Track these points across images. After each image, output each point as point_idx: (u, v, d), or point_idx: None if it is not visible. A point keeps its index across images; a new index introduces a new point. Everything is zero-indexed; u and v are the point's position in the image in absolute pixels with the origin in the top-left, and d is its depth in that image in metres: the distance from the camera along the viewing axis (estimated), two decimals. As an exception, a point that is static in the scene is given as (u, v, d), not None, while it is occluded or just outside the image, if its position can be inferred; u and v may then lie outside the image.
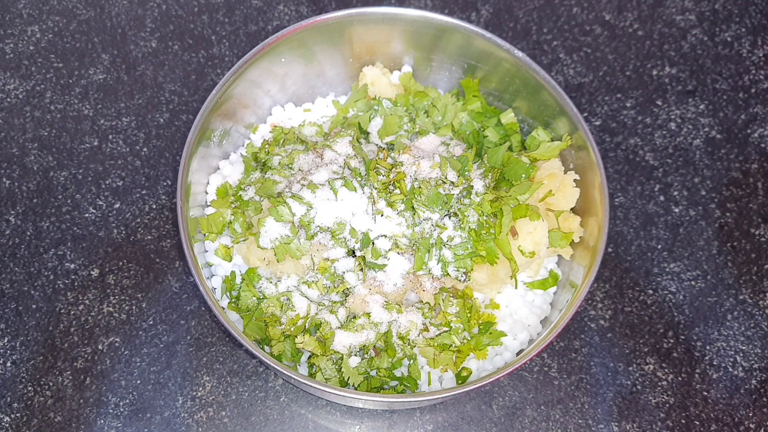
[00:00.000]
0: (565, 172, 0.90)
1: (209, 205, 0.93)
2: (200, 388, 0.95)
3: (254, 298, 0.87)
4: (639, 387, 0.96)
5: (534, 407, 0.95)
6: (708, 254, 1.04)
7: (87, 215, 1.02)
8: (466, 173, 0.88)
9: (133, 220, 1.02)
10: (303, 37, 0.92)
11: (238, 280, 0.89)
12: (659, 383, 0.97)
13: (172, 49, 1.13)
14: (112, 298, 0.98)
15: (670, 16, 1.17)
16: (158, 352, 0.96)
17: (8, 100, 1.09)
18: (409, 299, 0.88)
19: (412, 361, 0.85)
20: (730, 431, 0.95)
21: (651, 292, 1.01)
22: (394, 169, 0.88)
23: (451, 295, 0.86)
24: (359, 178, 0.87)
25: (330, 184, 0.86)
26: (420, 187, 0.85)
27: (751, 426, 0.95)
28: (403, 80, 1.00)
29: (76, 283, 0.99)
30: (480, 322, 0.87)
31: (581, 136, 0.88)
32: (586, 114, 1.11)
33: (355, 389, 0.83)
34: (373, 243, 0.84)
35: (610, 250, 1.03)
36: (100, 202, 1.03)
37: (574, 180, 0.89)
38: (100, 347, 0.96)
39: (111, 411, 0.93)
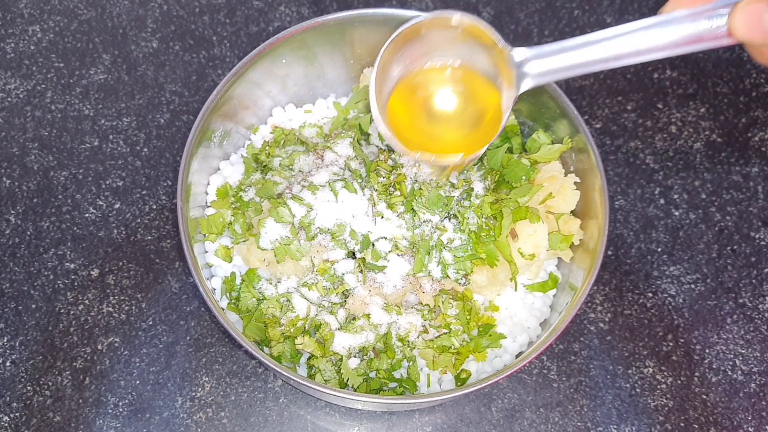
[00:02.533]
0: (566, 175, 0.90)
1: (209, 206, 0.93)
2: (199, 389, 0.95)
3: (254, 299, 0.87)
4: (638, 390, 0.97)
5: (533, 410, 0.95)
6: (708, 257, 1.04)
7: (87, 215, 1.02)
8: (466, 173, 0.88)
9: (133, 221, 1.02)
10: (304, 38, 0.92)
11: (238, 281, 0.89)
12: (658, 386, 0.97)
13: (173, 49, 1.14)
14: (111, 298, 0.98)
15: (671, 19, 1.17)
16: (157, 352, 0.96)
17: (9, 99, 1.09)
18: (409, 301, 0.88)
19: (411, 362, 0.85)
20: (729, 435, 0.95)
21: (650, 295, 1.01)
22: (394, 170, 0.88)
23: (450, 297, 0.86)
24: (359, 180, 0.87)
25: (330, 185, 0.86)
26: (420, 189, 0.85)
27: (750, 429, 0.95)
28: (404, 82, 1.00)
29: (75, 283, 0.99)
30: (479, 324, 0.87)
31: (582, 139, 0.88)
32: (586, 117, 1.11)
33: (355, 391, 0.83)
34: (373, 245, 0.85)
35: (609, 252, 1.03)
36: (100, 202, 1.03)
37: (575, 182, 0.89)
38: (99, 347, 0.96)
39: (110, 411, 0.93)
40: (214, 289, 0.90)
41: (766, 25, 0.59)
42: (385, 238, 0.85)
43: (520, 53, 0.74)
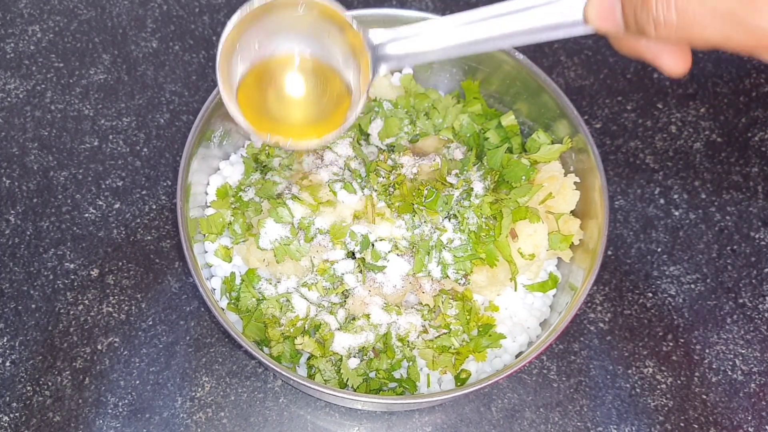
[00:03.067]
0: (566, 175, 0.90)
1: (209, 206, 0.93)
2: (199, 389, 0.95)
3: (254, 299, 0.87)
4: (638, 390, 0.97)
5: (533, 410, 0.95)
6: (708, 257, 1.04)
7: (87, 215, 1.02)
8: (466, 173, 0.88)
9: (133, 221, 1.02)
10: (304, 38, 0.92)
11: (238, 281, 0.89)
12: (658, 386, 0.97)
13: (172, 49, 1.14)
14: (111, 298, 0.98)
15: (671, 19, 1.17)
16: (157, 352, 0.96)
17: (9, 99, 1.09)
18: (409, 301, 0.88)
19: (411, 362, 0.85)
20: (729, 435, 0.95)
21: (650, 295, 1.01)
22: (394, 171, 0.88)
23: (450, 297, 0.86)
24: (359, 180, 0.87)
25: (329, 186, 0.86)
26: (420, 189, 0.85)
27: (750, 429, 0.95)
28: (404, 82, 1.00)
29: (75, 283, 0.99)
30: (479, 324, 0.87)
31: (582, 139, 0.88)
32: (586, 117, 1.11)
33: (354, 391, 0.83)
34: (372, 245, 0.84)
35: (609, 252, 1.03)
36: (100, 202, 1.03)
37: (575, 182, 0.89)
38: (99, 347, 0.96)
39: (110, 411, 0.93)
40: (214, 289, 0.90)
41: (618, 17, 0.59)
42: (385, 239, 0.85)
43: (377, 35, 0.72)
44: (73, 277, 0.99)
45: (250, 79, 0.77)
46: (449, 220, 0.86)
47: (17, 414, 0.92)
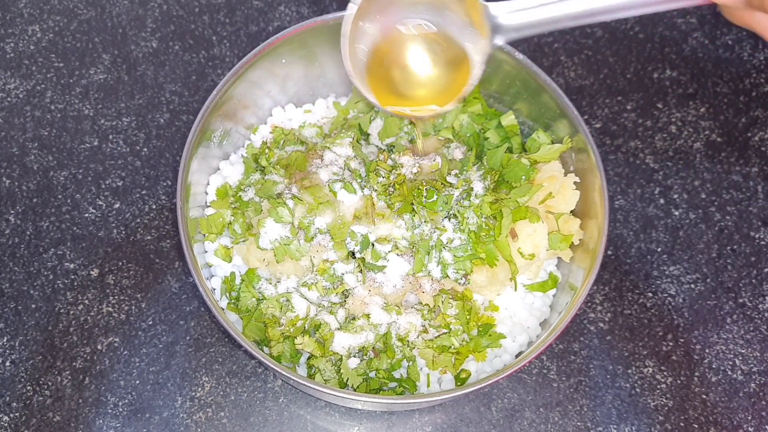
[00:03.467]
0: (566, 175, 0.90)
1: (209, 206, 0.93)
2: (199, 389, 0.95)
3: (253, 299, 0.87)
4: (638, 390, 0.97)
5: (533, 409, 0.95)
6: (708, 257, 1.04)
7: (87, 215, 1.02)
8: (466, 173, 0.88)
9: (133, 221, 1.02)
10: (304, 38, 0.92)
11: (238, 280, 0.89)
12: (658, 386, 0.97)
13: (172, 49, 1.14)
14: (111, 298, 0.98)
15: (672, 19, 1.17)
16: (157, 352, 0.96)
17: (8, 99, 1.09)
18: (409, 301, 0.88)
19: (411, 362, 0.85)
20: (728, 435, 0.95)
21: (650, 294, 1.01)
22: (394, 170, 0.88)
23: (450, 296, 0.86)
24: (359, 180, 0.87)
25: (329, 186, 0.86)
26: (420, 189, 0.85)
27: (750, 429, 0.95)
28: (404, 82, 1.00)
29: (75, 283, 0.99)
30: (479, 324, 0.87)
31: (581, 139, 0.88)
32: (586, 116, 1.11)
33: (354, 390, 0.83)
34: (372, 245, 0.84)
35: (609, 252, 1.03)
36: (100, 202, 1.03)
37: (574, 182, 0.89)
38: (99, 347, 0.96)
39: (110, 411, 0.93)
40: (214, 289, 0.90)
41: None
42: (385, 239, 0.85)
43: (496, 7, 0.74)
44: (73, 277, 0.99)
45: (373, 52, 0.80)
46: (449, 219, 0.86)
47: (17, 414, 0.92)
